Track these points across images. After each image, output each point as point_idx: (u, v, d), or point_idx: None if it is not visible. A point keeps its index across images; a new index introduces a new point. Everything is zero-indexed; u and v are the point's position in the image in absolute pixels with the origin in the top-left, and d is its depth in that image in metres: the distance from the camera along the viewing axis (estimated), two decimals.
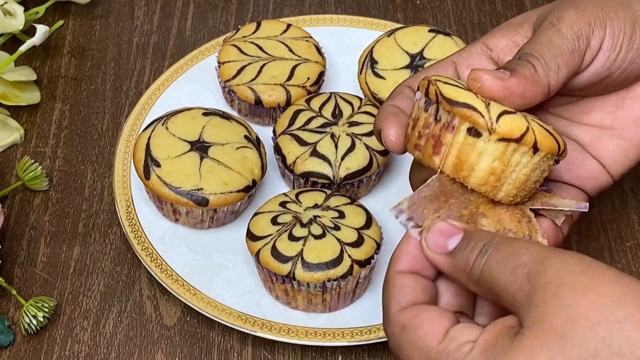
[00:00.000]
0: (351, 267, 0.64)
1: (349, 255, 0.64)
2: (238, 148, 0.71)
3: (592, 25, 0.55)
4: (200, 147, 0.70)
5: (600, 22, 0.55)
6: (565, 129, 0.59)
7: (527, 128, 0.49)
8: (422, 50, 0.77)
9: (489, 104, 0.50)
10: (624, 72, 0.57)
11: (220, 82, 0.78)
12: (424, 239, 0.49)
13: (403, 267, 0.50)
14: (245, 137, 0.72)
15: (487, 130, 0.49)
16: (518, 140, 0.49)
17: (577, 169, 0.58)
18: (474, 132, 0.49)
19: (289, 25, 0.80)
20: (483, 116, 0.49)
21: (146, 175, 0.69)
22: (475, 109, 0.49)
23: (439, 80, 0.51)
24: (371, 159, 0.71)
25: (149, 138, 0.71)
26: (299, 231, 0.65)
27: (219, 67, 0.77)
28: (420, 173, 0.55)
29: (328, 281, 0.64)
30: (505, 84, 0.51)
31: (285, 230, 0.65)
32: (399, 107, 0.55)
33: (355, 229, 0.66)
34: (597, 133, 0.59)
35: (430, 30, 0.78)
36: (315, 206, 0.67)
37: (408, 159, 0.69)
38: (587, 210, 0.54)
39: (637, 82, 0.59)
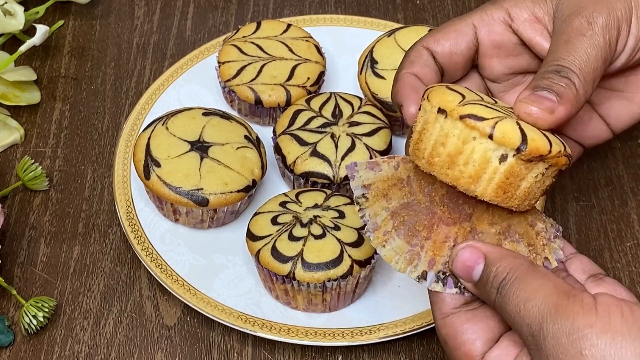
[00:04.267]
0: (351, 267, 0.64)
1: (349, 255, 0.64)
2: (238, 148, 0.71)
3: (620, 25, 0.55)
4: (200, 147, 0.70)
5: (627, 19, 0.55)
6: None
7: (550, 148, 0.50)
8: None
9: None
10: None
11: (220, 82, 0.78)
12: (451, 265, 0.52)
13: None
14: (245, 137, 0.72)
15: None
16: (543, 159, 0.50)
17: (580, 127, 0.59)
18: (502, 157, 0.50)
19: (289, 25, 0.80)
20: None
21: (146, 175, 0.69)
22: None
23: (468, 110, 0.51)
24: (371, 158, 0.71)
25: (149, 138, 0.71)
26: (299, 231, 0.65)
27: (219, 67, 0.77)
28: None
29: (328, 281, 0.64)
30: (556, 116, 0.52)
31: (285, 230, 0.65)
32: (418, 76, 0.56)
33: (355, 229, 0.66)
34: (608, 94, 0.60)
35: (430, 30, 0.78)
36: (315, 206, 0.67)
37: None
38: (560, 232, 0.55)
39: None
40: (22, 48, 0.78)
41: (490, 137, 0.49)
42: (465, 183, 0.50)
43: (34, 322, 0.66)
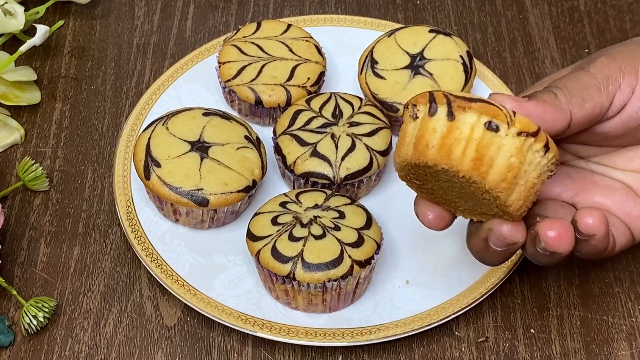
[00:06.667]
0: (351, 267, 0.64)
1: (349, 256, 0.64)
2: (238, 148, 0.71)
3: (623, 70, 0.56)
4: (200, 147, 0.70)
5: (632, 69, 0.56)
6: (609, 174, 0.60)
7: (539, 127, 0.51)
8: (423, 50, 0.77)
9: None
10: None
11: (220, 82, 0.78)
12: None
13: None
14: (246, 137, 0.72)
15: (506, 123, 0.50)
16: (535, 134, 0.50)
17: (627, 206, 0.58)
18: (492, 126, 0.50)
19: (289, 26, 0.80)
20: (501, 109, 0.50)
21: (146, 175, 0.69)
22: (492, 104, 0.51)
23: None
24: (371, 159, 0.71)
25: (149, 138, 0.71)
26: (299, 231, 0.65)
27: (219, 67, 0.77)
28: (478, 236, 0.56)
29: (328, 281, 0.64)
30: (522, 105, 0.53)
31: (286, 231, 0.65)
32: None
33: (356, 229, 0.66)
34: None
35: (430, 31, 0.78)
36: (316, 206, 0.67)
37: None
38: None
39: None
40: (23, 48, 0.78)
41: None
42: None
43: (34, 322, 0.66)
